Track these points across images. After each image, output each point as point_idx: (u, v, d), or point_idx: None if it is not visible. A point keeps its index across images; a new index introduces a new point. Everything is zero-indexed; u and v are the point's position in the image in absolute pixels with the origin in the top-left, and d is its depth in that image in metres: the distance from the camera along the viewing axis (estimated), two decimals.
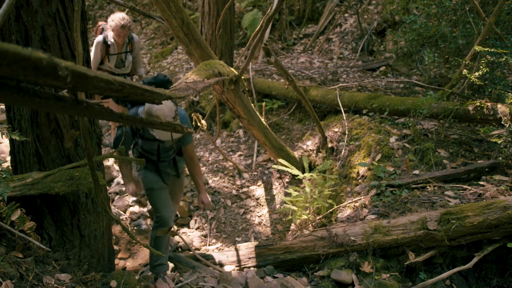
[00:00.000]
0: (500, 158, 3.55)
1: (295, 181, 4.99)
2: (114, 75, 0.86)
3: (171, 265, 3.57)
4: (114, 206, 4.88)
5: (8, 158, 2.95)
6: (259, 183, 5.24)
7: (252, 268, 3.45)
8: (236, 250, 3.61)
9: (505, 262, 2.90)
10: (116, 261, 3.94)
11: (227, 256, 3.61)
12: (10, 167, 2.85)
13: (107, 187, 5.12)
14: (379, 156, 4.04)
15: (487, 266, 2.95)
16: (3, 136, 2.45)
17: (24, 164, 2.73)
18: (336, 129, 4.89)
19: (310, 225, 3.98)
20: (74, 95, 2.15)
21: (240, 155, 5.79)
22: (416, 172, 3.70)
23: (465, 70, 3.94)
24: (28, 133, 2.61)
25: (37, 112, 2.57)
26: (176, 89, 1.62)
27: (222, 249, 4.16)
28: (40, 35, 2.43)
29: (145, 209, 4.85)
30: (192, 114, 3.95)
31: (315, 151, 5.05)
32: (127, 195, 5.07)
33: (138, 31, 10.69)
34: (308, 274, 3.23)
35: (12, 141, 2.72)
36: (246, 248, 3.61)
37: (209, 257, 3.65)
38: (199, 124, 3.69)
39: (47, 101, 0.74)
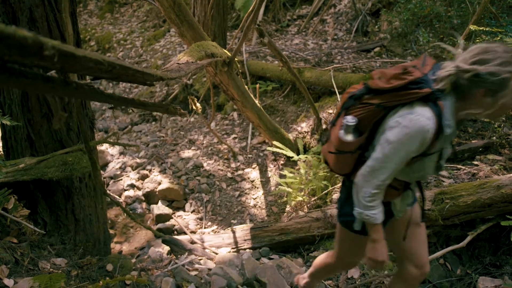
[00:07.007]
0: (494, 137, 3.57)
1: (290, 163, 4.99)
2: None
3: (167, 248, 3.58)
4: (109, 190, 4.87)
5: (0, 144, 2.91)
6: (254, 165, 5.24)
7: (247, 250, 3.47)
8: (232, 232, 3.63)
9: (498, 240, 2.93)
10: (112, 245, 3.95)
11: (222, 239, 3.63)
12: (2, 153, 2.82)
13: (101, 172, 5.10)
14: None
15: (480, 244, 2.99)
16: None
17: (16, 149, 2.70)
18: (330, 111, 4.87)
19: (305, 206, 4.00)
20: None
21: (235, 137, 5.77)
22: None
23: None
24: (19, 117, 2.57)
25: (27, 96, 2.53)
26: (168, 70, 1.59)
27: (218, 232, 4.18)
28: (28, 16, 2.37)
29: (140, 193, 4.85)
30: (189, 97, 3.92)
31: (309, 133, 5.04)
32: (121, 179, 5.05)
33: (130, 14, 10.49)
34: (304, 255, 3.26)
35: (3, 126, 2.68)
36: (242, 230, 3.63)
37: (204, 240, 3.67)
38: (194, 107, 3.66)
39: (34, 82, 0.72)
